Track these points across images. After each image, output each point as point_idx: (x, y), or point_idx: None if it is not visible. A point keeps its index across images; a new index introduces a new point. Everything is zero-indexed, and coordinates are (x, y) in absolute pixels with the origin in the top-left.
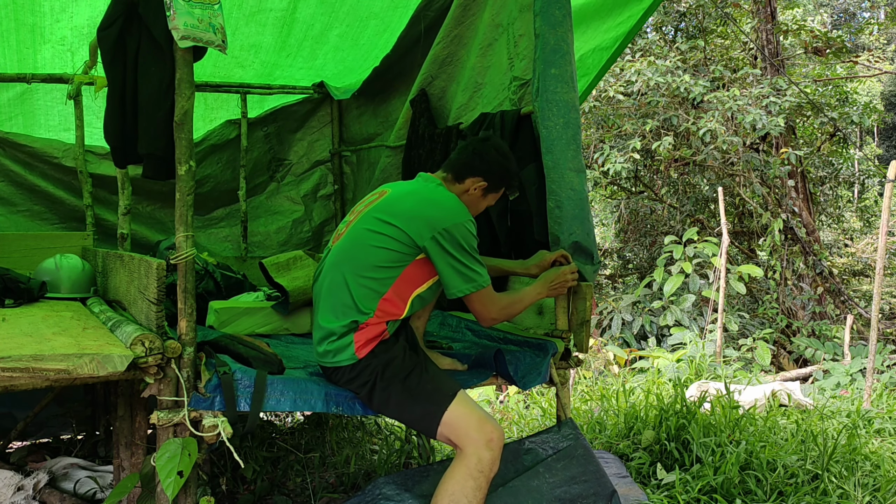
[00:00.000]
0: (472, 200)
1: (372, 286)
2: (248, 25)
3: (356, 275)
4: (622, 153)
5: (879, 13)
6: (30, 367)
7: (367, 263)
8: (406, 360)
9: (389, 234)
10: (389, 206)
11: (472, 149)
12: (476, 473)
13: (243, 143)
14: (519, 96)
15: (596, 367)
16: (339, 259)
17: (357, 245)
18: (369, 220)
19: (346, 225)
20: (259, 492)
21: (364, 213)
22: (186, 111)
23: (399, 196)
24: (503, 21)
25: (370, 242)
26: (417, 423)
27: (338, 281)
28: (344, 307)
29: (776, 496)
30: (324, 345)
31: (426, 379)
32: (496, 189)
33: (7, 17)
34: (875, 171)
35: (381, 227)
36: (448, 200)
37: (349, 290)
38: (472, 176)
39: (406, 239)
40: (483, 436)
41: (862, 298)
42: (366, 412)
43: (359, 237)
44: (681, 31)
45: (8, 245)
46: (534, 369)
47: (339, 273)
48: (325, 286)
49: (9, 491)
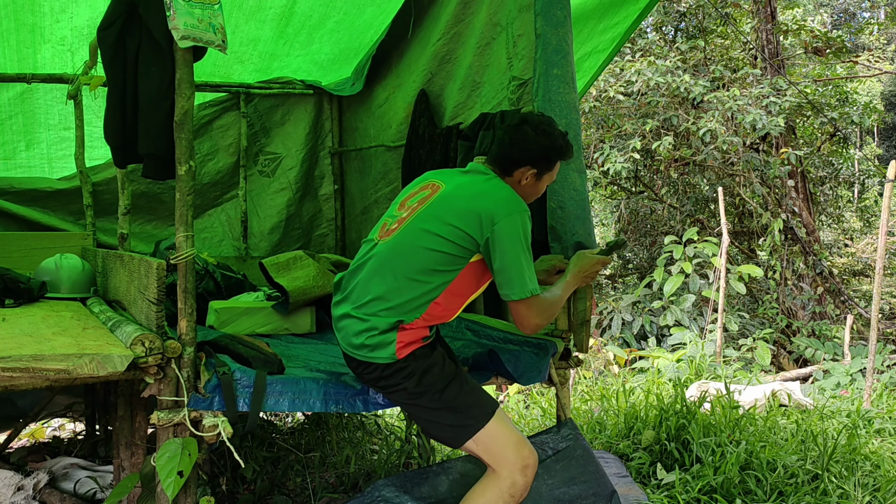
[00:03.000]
0: (528, 189)
1: (423, 290)
2: (247, 23)
3: (407, 277)
4: (622, 153)
5: (879, 13)
6: (30, 367)
7: (421, 266)
8: (446, 369)
9: (446, 234)
10: (446, 203)
11: (509, 140)
12: (508, 498)
13: (243, 144)
14: (517, 96)
15: (596, 367)
16: (390, 256)
17: (411, 246)
18: (426, 220)
19: (398, 221)
20: (259, 492)
21: (420, 212)
22: (186, 111)
23: (455, 192)
24: (501, 20)
25: (426, 245)
26: (445, 432)
27: (386, 279)
28: (390, 306)
29: (776, 496)
30: (361, 337)
31: (466, 391)
32: (549, 168)
33: (7, 17)
34: (875, 171)
35: (439, 228)
36: (502, 192)
37: (398, 291)
38: (519, 167)
39: (464, 238)
40: (520, 460)
41: (862, 298)
42: (366, 409)
43: (414, 238)
44: (681, 31)
45: (8, 245)
46: (533, 367)
47: (389, 271)
48: (372, 281)
49: (9, 491)
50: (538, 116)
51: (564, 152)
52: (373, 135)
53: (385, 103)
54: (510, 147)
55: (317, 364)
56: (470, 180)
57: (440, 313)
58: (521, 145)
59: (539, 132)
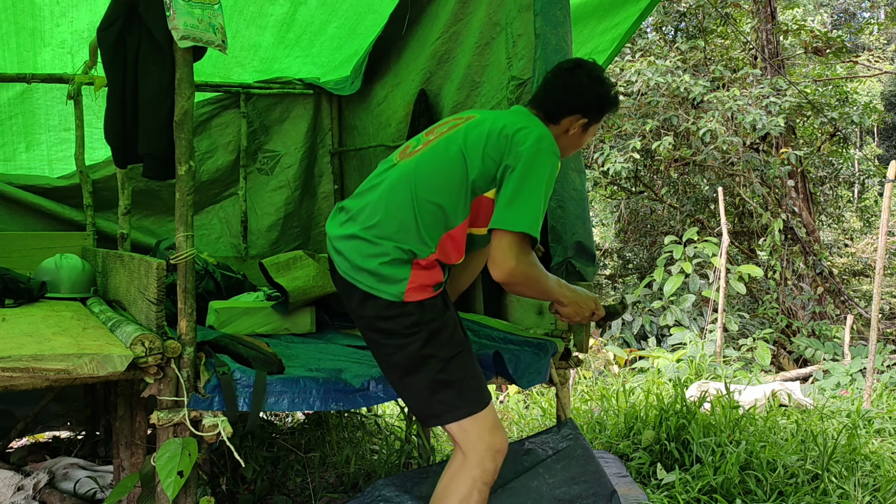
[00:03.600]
0: (572, 141)
1: (441, 217)
2: (248, 28)
3: (427, 200)
4: (622, 153)
5: (879, 13)
6: (30, 367)
7: (443, 190)
8: (456, 337)
9: (472, 158)
10: (477, 128)
11: (563, 83)
12: (481, 486)
13: (243, 144)
14: (517, 96)
15: (596, 367)
16: (411, 176)
17: (435, 164)
18: (452, 142)
19: (423, 144)
20: (259, 492)
21: (448, 135)
22: (186, 111)
23: (488, 119)
24: (501, 20)
25: (451, 166)
26: (427, 406)
27: (404, 199)
28: (405, 231)
29: (776, 496)
30: (373, 262)
31: (471, 373)
32: (597, 120)
33: (7, 19)
34: (875, 171)
35: (467, 151)
36: (540, 128)
37: (416, 215)
38: (569, 114)
39: (490, 163)
40: (494, 445)
41: (862, 298)
42: (367, 404)
43: (439, 159)
44: (681, 31)
45: (8, 245)
46: (534, 368)
47: (408, 191)
48: (387, 201)
49: (9, 491)
50: (592, 63)
51: (615, 104)
52: (371, 133)
53: (384, 101)
54: (563, 91)
55: (317, 363)
56: (510, 114)
57: (451, 250)
58: (576, 90)
59: (593, 79)
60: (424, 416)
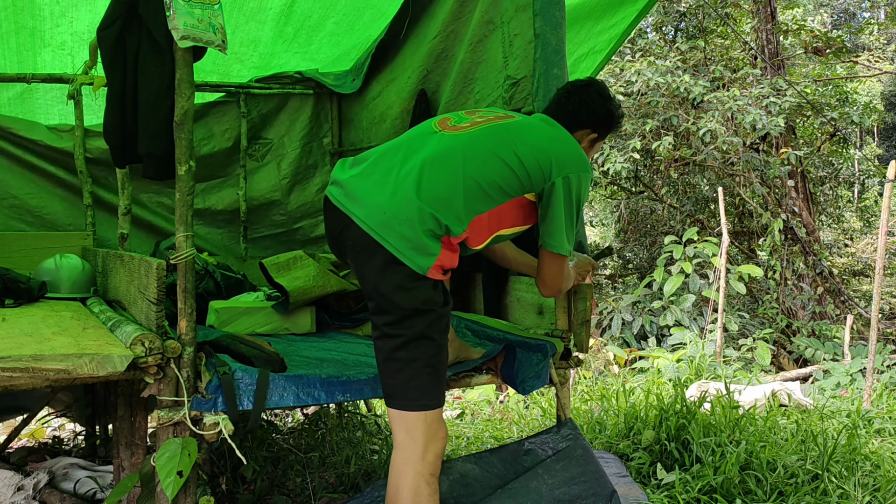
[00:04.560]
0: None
1: (481, 195)
2: (247, 23)
3: (476, 181)
4: (622, 153)
5: (879, 13)
6: (30, 367)
7: (492, 176)
8: (447, 330)
9: (514, 158)
10: (521, 132)
11: (578, 98)
12: (429, 478)
13: (243, 144)
14: (510, 95)
15: (596, 367)
16: (462, 152)
17: (489, 151)
18: (498, 135)
19: (470, 123)
20: (259, 492)
21: (498, 125)
22: (186, 111)
23: (530, 125)
24: (496, 18)
25: (503, 157)
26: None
27: (453, 172)
28: (447, 202)
29: (776, 496)
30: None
31: (445, 368)
32: (603, 137)
33: (7, 19)
34: (875, 171)
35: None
36: (578, 147)
37: (462, 188)
38: (581, 128)
39: (529, 171)
40: (440, 438)
41: (862, 298)
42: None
43: (493, 145)
44: (681, 31)
45: (8, 245)
46: (533, 372)
47: (460, 166)
48: (434, 167)
49: (9, 491)
50: (601, 82)
51: (621, 123)
52: (365, 126)
53: (378, 96)
54: (578, 106)
55: (319, 362)
56: (544, 124)
57: (476, 236)
58: (590, 105)
59: (604, 97)
60: (394, 395)
